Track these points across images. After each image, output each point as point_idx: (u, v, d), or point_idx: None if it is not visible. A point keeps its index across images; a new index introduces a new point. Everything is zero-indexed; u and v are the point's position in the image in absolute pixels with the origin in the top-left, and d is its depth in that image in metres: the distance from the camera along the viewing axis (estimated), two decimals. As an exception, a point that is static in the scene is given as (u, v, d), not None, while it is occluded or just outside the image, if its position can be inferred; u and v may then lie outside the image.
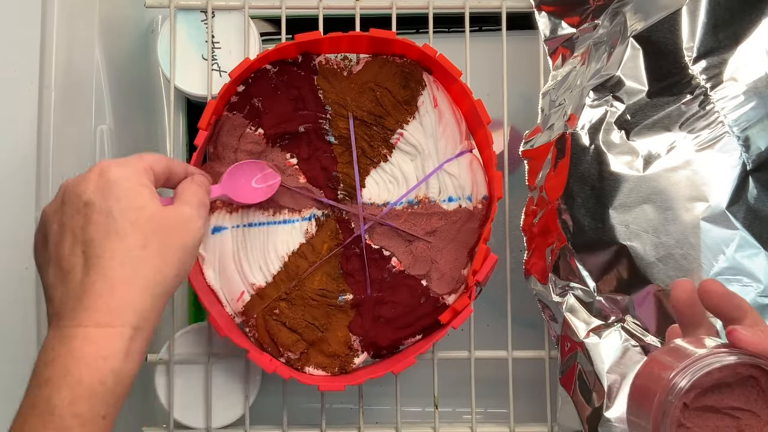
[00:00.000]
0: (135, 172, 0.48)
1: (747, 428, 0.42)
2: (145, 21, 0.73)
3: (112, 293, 0.44)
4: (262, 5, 0.66)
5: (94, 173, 0.47)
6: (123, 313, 0.44)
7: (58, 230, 0.47)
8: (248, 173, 0.60)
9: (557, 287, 0.60)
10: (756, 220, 0.56)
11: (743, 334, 0.41)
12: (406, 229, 0.62)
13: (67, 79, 0.59)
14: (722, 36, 0.58)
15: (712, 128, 0.57)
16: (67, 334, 0.44)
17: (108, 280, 0.45)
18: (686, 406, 0.42)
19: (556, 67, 0.64)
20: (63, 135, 0.59)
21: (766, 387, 0.42)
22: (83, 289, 0.45)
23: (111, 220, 0.46)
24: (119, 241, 0.45)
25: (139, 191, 0.47)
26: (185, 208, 0.49)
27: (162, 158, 0.51)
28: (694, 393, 0.42)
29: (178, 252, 0.47)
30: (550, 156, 0.60)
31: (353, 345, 0.61)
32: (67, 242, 0.46)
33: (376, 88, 0.62)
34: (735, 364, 0.41)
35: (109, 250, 0.45)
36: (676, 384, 0.41)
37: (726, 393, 0.42)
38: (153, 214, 0.47)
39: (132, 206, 0.46)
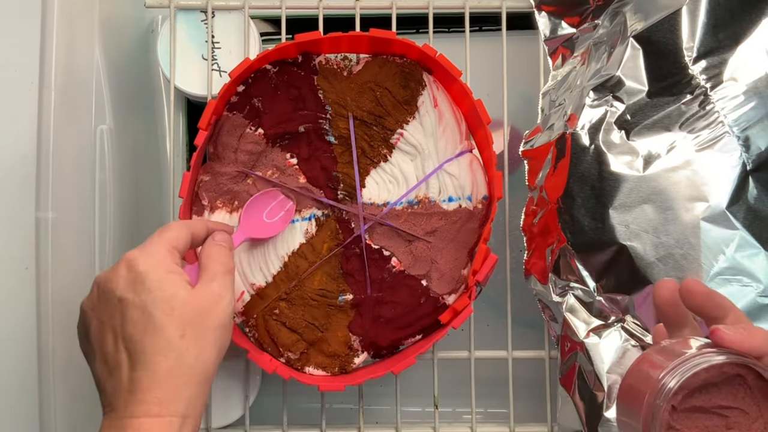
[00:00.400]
0: (161, 260, 0.49)
1: (736, 426, 0.42)
2: (145, 21, 0.73)
3: (159, 386, 0.47)
4: (262, 5, 0.66)
5: (122, 268, 0.49)
6: (171, 404, 0.47)
7: (98, 326, 0.49)
8: (262, 206, 0.61)
9: (557, 287, 0.60)
10: (756, 220, 0.56)
11: (726, 333, 0.41)
12: (406, 229, 0.62)
13: (67, 79, 0.59)
14: (722, 36, 0.58)
15: (712, 128, 0.57)
16: (122, 425, 0.46)
17: (154, 375, 0.47)
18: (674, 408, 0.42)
19: (556, 67, 0.64)
20: (63, 135, 0.59)
21: (753, 384, 0.42)
22: (132, 385, 0.47)
23: (147, 316, 0.47)
24: (157, 334, 0.47)
25: (168, 279, 0.49)
26: (214, 286, 0.50)
27: (182, 229, 0.52)
28: (682, 394, 0.42)
29: (214, 333, 0.49)
30: (550, 156, 0.60)
31: (353, 345, 0.61)
32: (109, 339, 0.48)
33: (376, 88, 0.62)
34: (722, 363, 0.41)
35: (150, 345, 0.47)
36: (665, 385, 0.41)
37: (713, 392, 0.42)
38: (185, 302, 0.48)
39: (164, 297, 0.48)
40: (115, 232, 0.64)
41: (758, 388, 0.42)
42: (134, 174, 0.69)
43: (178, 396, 0.47)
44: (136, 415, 0.46)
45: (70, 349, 0.59)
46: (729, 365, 0.41)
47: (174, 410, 0.47)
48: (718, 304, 0.43)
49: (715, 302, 0.43)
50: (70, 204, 0.59)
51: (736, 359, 0.41)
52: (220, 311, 0.50)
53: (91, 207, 0.61)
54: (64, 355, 0.58)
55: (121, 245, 0.65)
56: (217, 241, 0.54)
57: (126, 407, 0.46)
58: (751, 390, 0.42)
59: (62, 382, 0.57)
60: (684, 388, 0.42)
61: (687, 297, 0.44)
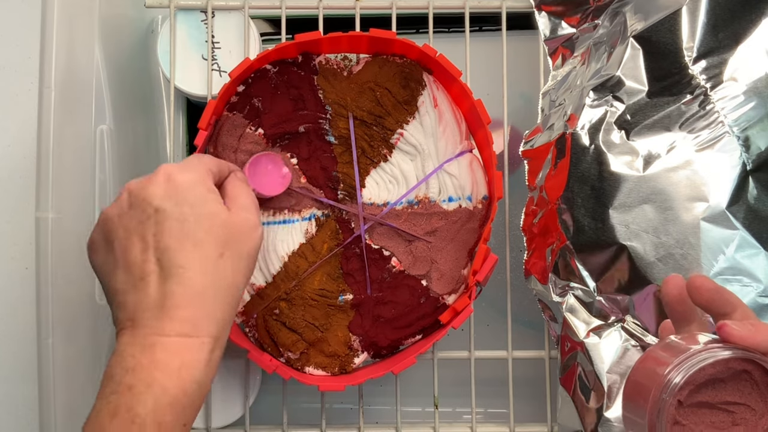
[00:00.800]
0: (201, 177, 0.48)
1: (742, 422, 0.42)
2: (145, 21, 0.73)
3: (194, 303, 0.45)
4: (262, 5, 0.66)
5: (160, 177, 0.47)
6: (205, 324, 0.45)
7: (125, 235, 0.46)
8: (263, 167, 0.61)
9: (557, 287, 0.60)
10: (756, 220, 0.56)
11: (733, 328, 0.41)
12: (406, 229, 0.62)
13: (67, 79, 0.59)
14: (722, 36, 0.58)
15: (712, 128, 0.57)
16: (149, 342, 0.44)
17: (188, 290, 0.45)
18: (681, 404, 0.42)
19: (556, 67, 0.64)
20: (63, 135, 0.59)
21: (760, 380, 0.42)
22: (163, 298, 0.44)
23: (187, 229, 0.46)
24: (197, 249, 0.45)
25: (209, 197, 0.47)
26: (250, 216, 0.49)
27: (214, 159, 0.52)
28: (688, 389, 0.42)
29: (246, 259, 0.48)
30: (550, 156, 0.60)
31: (353, 345, 0.61)
32: (137, 248, 0.46)
33: (376, 88, 0.62)
34: (728, 359, 0.41)
35: (189, 259, 0.45)
36: (671, 380, 0.41)
37: (720, 388, 0.42)
38: (225, 222, 0.47)
39: (205, 213, 0.46)
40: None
41: (765, 384, 0.42)
42: (134, 174, 0.69)
43: (212, 317, 0.45)
44: (166, 333, 0.44)
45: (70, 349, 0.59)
46: (736, 361, 0.41)
47: (207, 331, 0.45)
48: (726, 300, 0.43)
49: (723, 298, 0.43)
50: (70, 204, 0.59)
51: (743, 354, 0.41)
52: (255, 239, 0.48)
53: (91, 207, 0.61)
54: (64, 354, 0.58)
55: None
56: (239, 178, 0.53)
57: (154, 324, 0.44)
58: (757, 386, 0.42)
59: (62, 382, 0.57)
60: (690, 383, 0.42)
61: (694, 293, 0.43)
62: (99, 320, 0.63)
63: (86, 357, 0.62)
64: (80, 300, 0.61)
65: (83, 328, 0.61)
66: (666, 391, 0.41)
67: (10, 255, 0.62)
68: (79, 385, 0.61)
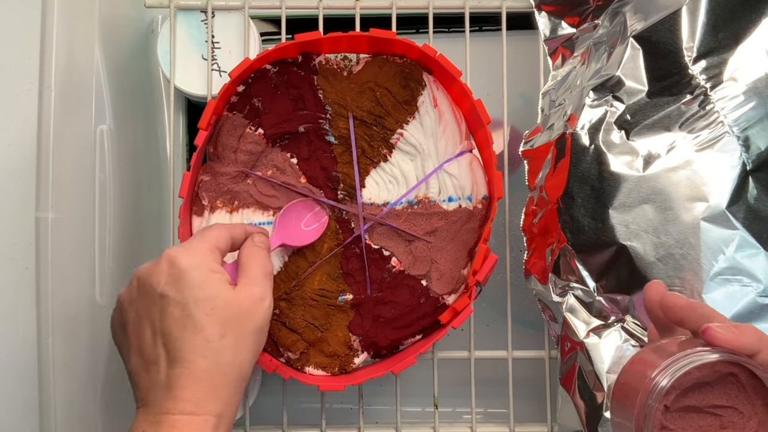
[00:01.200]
0: (203, 259, 0.50)
1: (730, 425, 0.42)
2: (145, 21, 0.73)
3: (197, 384, 0.47)
4: (262, 5, 0.66)
5: (164, 263, 0.49)
6: (207, 403, 0.47)
7: (137, 320, 0.49)
8: (298, 214, 0.61)
9: (557, 287, 0.60)
10: (756, 220, 0.56)
11: (717, 332, 0.41)
12: (406, 229, 0.62)
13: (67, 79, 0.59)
14: (722, 36, 0.58)
15: (712, 128, 0.57)
16: (158, 419, 0.46)
17: (192, 373, 0.47)
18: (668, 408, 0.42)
19: (556, 67, 0.64)
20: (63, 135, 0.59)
21: (746, 383, 0.42)
22: (169, 381, 0.47)
23: (187, 313, 0.48)
24: (197, 333, 0.48)
25: (211, 278, 0.49)
26: (255, 290, 0.51)
27: (222, 231, 0.53)
28: (675, 394, 0.42)
29: (252, 336, 0.50)
30: (550, 156, 0.60)
31: (353, 345, 0.61)
32: (147, 333, 0.48)
33: (376, 88, 0.62)
34: (714, 362, 0.41)
35: (189, 344, 0.47)
36: (657, 383, 0.41)
37: (707, 392, 0.42)
38: (226, 302, 0.49)
39: (206, 296, 0.48)
40: (115, 232, 0.64)
41: (751, 387, 0.42)
42: (134, 174, 0.69)
43: (215, 395, 0.47)
44: (171, 411, 0.46)
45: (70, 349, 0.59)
46: (722, 364, 0.41)
47: (210, 409, 0.47)
48: (700, 314, 0.43)
49: (697, 314, 0.43)
50: (70, 204, 0.59)
51: (728, 357, 0.41)
52: (261, 314, 0.50)
53: (91, 207, 0.61)
54: (64, 354, 0.58)
55: (121, 245, 0.65)
56: (257, 243, 0.54)
57: (162, 403, 0.47)
58: (744, 388, 0.42)
59: (62, 383, 0.57)
60: (676, 387, 0.42)
61: (668, 312, 0.44)
62: (99, 320, 0.63)
63: (86, 357, 0.62)
64: (80, 300, 0.61)
65: (83, 328, 0.61)
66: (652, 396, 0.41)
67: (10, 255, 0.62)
68: (79, 385, 0.61)
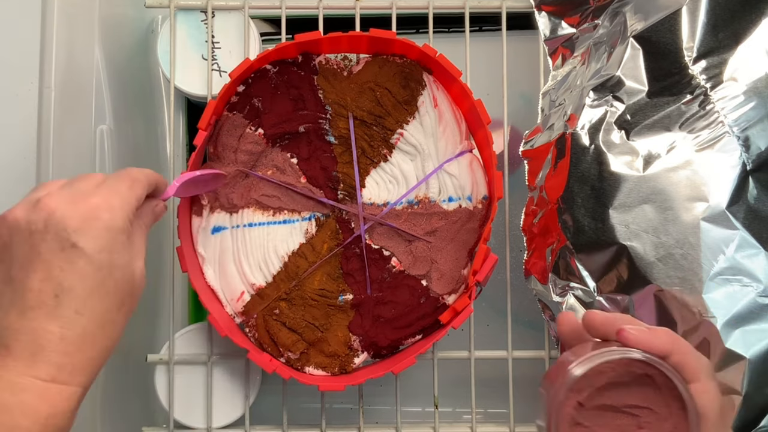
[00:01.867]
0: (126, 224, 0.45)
1: (647, 425, 0.43)
2: (145, 21, 0.73)
3: (79, 352, 0.43)
4: (262, 5, 0.66)
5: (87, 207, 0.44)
6: (82, 373, 0.43)
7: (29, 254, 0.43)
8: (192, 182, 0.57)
9: (557, 287, 0.60)
10: (756, 220, 0.56)
11: (631, 332, 0.42)
12: (406, 229, 0.62)
13: (67, 79, 0.59)
14: (722, 36, 0.58)
15: (712, 128, 0.57)
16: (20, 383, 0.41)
17: (76, 337, 0.43)
18: (582, 405, 0.43)
19: (556, 67, 0.64)
20: (63, 135, 0.59)
21: (662, 384, 0.43)
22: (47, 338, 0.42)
23: (98, 276, 0.43)
24: (102, 300, 0.44)
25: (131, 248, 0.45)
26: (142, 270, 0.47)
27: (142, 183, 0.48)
28: (589, 391, 0.43)
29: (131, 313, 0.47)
30: (550, 156, 0.60)
31: (353, 345, 0.61)
32: (39, 275, 0.43)
33: (376, 88, 0.62)
34: (629, 361, 0.42)
35: (89, 308, 0.43)
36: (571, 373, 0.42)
37: (623, 392, 0.43)
38: (134, 276, 0.46)
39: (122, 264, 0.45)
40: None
41: (667, 388, 0.43)
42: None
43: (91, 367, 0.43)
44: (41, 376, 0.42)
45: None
46: (637, 364, 0.42)
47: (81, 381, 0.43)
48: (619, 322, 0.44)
49: (615, 326, 0.44)
50: (70, 204, 0.59)
51: (639, 355, 0.42)
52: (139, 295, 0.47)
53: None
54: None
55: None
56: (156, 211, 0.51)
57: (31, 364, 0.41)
58: (660, 390, 0.43)
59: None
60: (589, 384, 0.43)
61: (589, 328, 0.45)
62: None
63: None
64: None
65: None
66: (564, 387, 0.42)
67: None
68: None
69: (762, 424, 0.54)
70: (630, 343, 0.42)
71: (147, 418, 0.68)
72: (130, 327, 0.48)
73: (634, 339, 0.42)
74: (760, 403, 0.54)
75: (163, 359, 0.63)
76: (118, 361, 0.65)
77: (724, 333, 0.54)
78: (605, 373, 0.43)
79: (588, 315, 0.45)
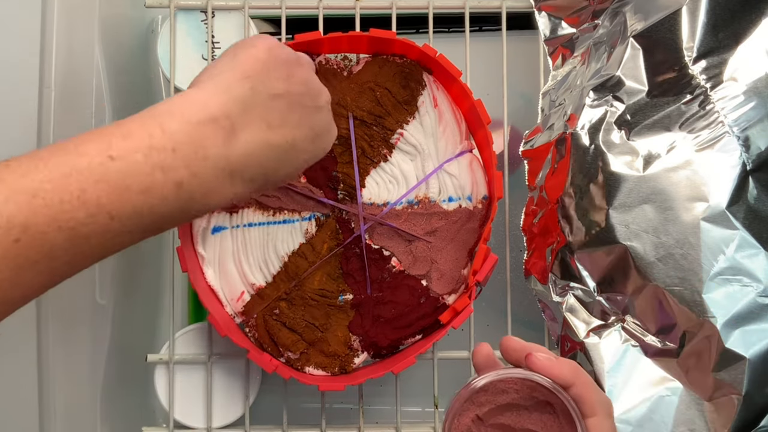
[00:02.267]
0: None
1: None
2: (145, 21, 0.73)
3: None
4: (262, 5, 0.66)
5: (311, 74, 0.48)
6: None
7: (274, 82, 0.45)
8: None
9: (557, 287, 0.60)
10: (756, 220, 0.56)
11: (537, 358, 0.45)
12: (406, 229, 0.62)
13: (67, 79, 0.59)
14: (722, 36, 0.58)
15: (712, 128, 0.57)
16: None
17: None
18: (480, 420, 0.45)
19: (556, 67, 0.64)
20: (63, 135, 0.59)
21: (561, 413, 0.44)
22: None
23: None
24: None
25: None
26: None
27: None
28: (490, 407, 0.45)
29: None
30: (550, 156, 0.60)
31: (353, 345, 0.61)
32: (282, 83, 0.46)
33: (376, 88, 0.62)
34: (533, 384, 0.44)
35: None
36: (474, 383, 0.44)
37: (524, 415, 0.45)
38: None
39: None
40: (115, 232, 0.64)
41: (565, 418, 0.44)
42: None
43: None
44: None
45: (70, 349, 0.59)
46: (541, 390, 0.44)
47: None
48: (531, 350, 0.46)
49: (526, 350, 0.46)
50: (70, 204, 0.59)
51: (540, 379, 0.44)
52: None
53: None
54: (64, 355, 0.58)
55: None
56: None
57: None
58: (558, 419, 0.45)
59: (62, 383, 0.57)
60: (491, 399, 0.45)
61: (504, 353, 0.48)
62: (99, 320, 0.63)
63: (86, 357, 0.62)
64: (80, 300, 0.61)
65: (83, 328, 0.61)
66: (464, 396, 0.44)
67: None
68: (79, 385, 0.61)
69: (762, 424, 0.54)
70: (535, 368, 0.44)
71: (147, 418, 0.68)
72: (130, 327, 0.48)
73: (540, 365, 0.44)
74: (760, 403, 0.54)
75: (163, 359, 0.63)
76: (118, 361, 0.65)
77: (724, 333, 0.54)
78: (508, 393, 0.45)
79: (504, 340, 0.48)
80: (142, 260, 0.71)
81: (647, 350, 0.57)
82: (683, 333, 0.55)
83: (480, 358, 0.49)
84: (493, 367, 0.48)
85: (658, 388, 0.56)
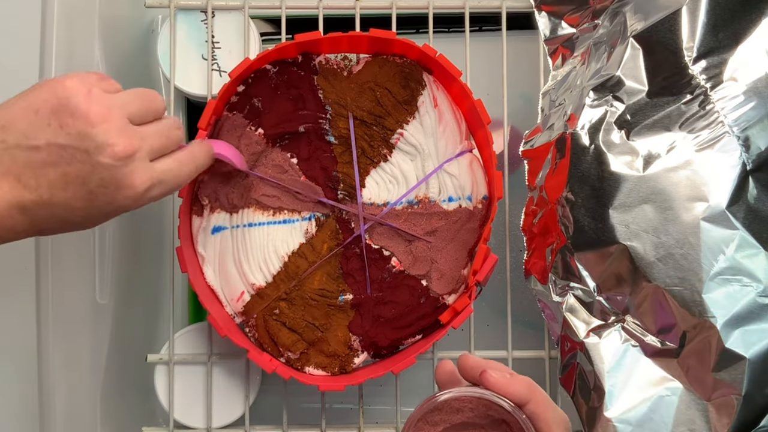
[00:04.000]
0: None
1: None
2: (145, 21, 0.73)
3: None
4: (262, 5, 0.66)
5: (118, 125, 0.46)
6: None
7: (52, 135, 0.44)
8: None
9: (557, 287, 0.60)
10: (756, 220, 0.56)
11: (492, 376, 0.45)
12: (406, 229, 0.62)
13: (67, 79, 0.59)
14: (722, 36, 0.58)
15: (712, 128, 0.57)
16: None
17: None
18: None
19: (556, 67, 0.64)
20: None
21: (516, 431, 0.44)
22: None
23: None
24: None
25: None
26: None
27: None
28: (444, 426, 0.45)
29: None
30: (550, 156, 0.60)
31: (353, 345, 0.61)
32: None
33: (376, 88, 0.62)
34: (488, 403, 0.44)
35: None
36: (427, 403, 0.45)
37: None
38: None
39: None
40: (115, 232, 0.64)
41: None
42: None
43: None
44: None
45: (70, 349, 0.59)
46: (496, 408, 0.45)
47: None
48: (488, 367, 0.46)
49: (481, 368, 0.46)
50: (70, 204, 0.59)
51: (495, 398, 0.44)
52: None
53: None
54: (64, 354, 0.58)
55: (122, 245, 0.65)
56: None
57: None
58: None
59: (62, 382, 0.57)
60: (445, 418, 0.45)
61: (461, 371, 0.47)
62: (99, 320, 0.63)
63: (86, 357, 0.62)
64: (80, 300, 0.61)
65: (83, 328, 0.61)
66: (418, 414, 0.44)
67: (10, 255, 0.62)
68: (79, 385, 0.61)
69: (762, 424, 0.54)
70: (489, 385, 0.44)
71: (147, 418, 0.68)
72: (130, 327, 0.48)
73: (494, 382, 0.44)
74: (760, 403, 0.54)
75: (163, 359, 0.63)
76: (118, 361, 0.65)
77: (724, 333, 0.54)
78: (463, 412, 0.45)
79: (461, 358, 0.47)
80: (142, 260, 0.71)
81: (647, 350, 0.57)
82: (683, 333, 0.55)
83: (442, 376, 0.48)
84: (456, 384, 0.48)
85: (658, 388, 0.56)
